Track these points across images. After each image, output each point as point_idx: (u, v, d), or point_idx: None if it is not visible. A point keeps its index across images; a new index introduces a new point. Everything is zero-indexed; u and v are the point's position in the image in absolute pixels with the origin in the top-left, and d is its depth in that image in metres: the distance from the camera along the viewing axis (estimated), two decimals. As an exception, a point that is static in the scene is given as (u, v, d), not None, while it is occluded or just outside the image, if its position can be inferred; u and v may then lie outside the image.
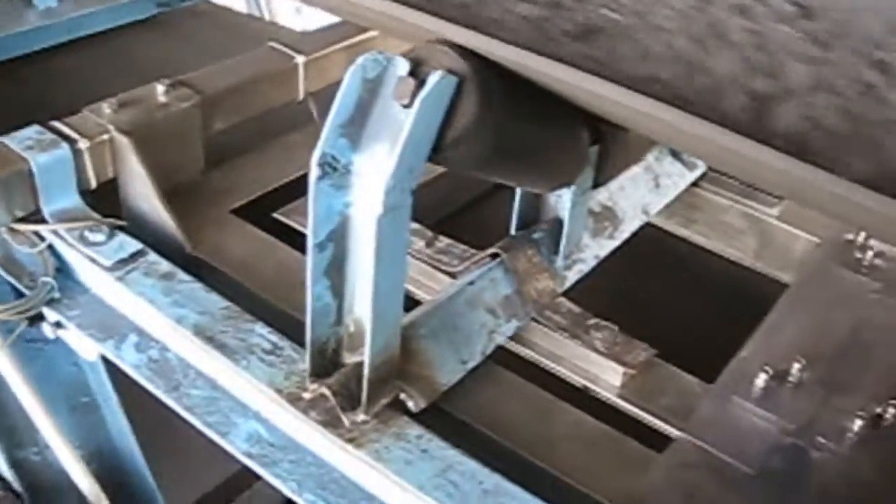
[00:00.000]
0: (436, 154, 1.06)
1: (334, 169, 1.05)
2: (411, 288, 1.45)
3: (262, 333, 1.29)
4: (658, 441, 1.29)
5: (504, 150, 1.16)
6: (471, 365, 1.30)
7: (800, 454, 1.28)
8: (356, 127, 1.04)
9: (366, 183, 1.05)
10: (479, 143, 1.09)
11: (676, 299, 1.79)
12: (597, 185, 1.45)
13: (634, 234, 1.67)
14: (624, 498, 1.18)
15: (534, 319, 1.40)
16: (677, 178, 1.76)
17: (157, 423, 1.52)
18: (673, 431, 1.29)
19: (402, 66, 1.03)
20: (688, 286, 1.82)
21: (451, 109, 1.04)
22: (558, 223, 1.44)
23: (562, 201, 1.42)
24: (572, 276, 1.48)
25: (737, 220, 1.82)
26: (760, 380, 1.34)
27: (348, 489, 1.17)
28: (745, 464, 1.24)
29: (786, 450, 1.28)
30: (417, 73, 1.02)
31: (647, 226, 1.78)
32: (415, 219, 1.16)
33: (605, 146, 1.40)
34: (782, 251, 1.78)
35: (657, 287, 1.78)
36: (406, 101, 1.01)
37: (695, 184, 1.83)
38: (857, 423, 1.29)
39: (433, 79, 0.99)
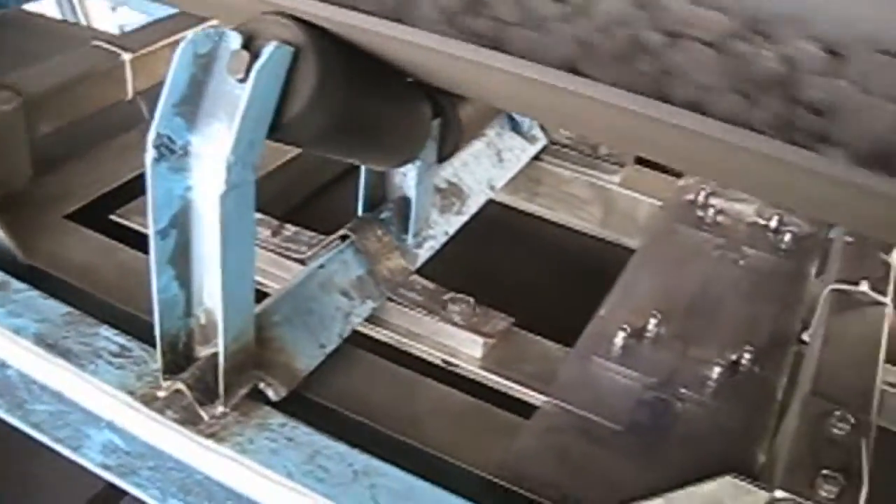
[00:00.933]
0: (277, 130, 1.03)
1: (171, 151, 1.01)
2: (261, 279, 1.41)
3: (109, 336, 1.23)
4: (525, 409, 1.29)
5: (347, 125, 1.14)
6: (329, 348, 1.27)
7: (664, 406, 1.30)
8: (191, 106, 1.00)
9: (205, 163, 1.01)
10: (320, 117, 1.06)
11: (528, 272, 1.80)
12: (441, 159, 1.44)
13: (482, 210, 1.66)
14: (495, 467, 1.17)
15: (389, 299, 1.38)
16: (519, 151, 1.76)
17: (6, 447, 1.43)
18: (539, 397, 1.28)
19: (235, 40, 0.99)
20: (538, 259, 1.83)
21: (289, 82, 1.00)
22: (405, 201, 1.42)
23: (407, 179, 1.40)
24: (424, 254, 1.46)
25: (580, 190, 1.84)
26: (619, 338, 1.35)
27: (214, 491, 1.13)
28: (613, 421, 1.25)
29: (651, 404, 1.30)
30: (251, 46, 0.99)
31: (495, 203, 1.79)
32: (260, 211, 1.12)
33: (447, 119, 1.39)
34: (627, 217, 1.81)
35: (509, 261, 1.79)
36: (241, 76, 0.97)
37: (537, 157, 1.84)
38: (716, 371, 1.32)
39: (267, 50, 0.96)
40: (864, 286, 1.39)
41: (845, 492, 1.04)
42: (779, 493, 1.03)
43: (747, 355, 1.34)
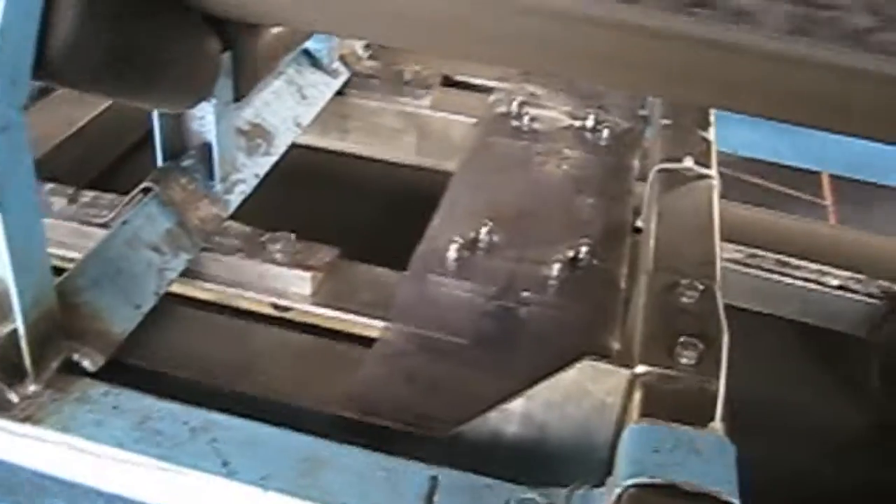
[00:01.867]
0: (42, 68, 0.92)
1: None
2: (62, 252, 1.28)
3: None
4: (366, 340, 1.22)
5: (120, 60, 1.04)
6: (146, 308, 1.17)
7: (509, 313, 1.25)
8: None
9: (-36, 107, 0.90)
10: (88, 51, 0.97)
11: (350, 209, 1.72)
12: (237, 97, 1.35)
13: (296, 155, 1.58)
14: (342, 401, 1.10)
15: (205, 249, 1.28)
16: (323, 87, 1.68)
17: None
18: (379, 324, 1.22)
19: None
20: (358, 195, 1.75)
21: (49, 13, 0.90)
22: (206, 146, 1.33)
23: (205, 123, 1.31)
24: (235, 199, 1.37)
25: (391, 119, 1.78)
26: (452, 252, 1.30)
27: (43, 485, 1.02)
28: (458, 336, 1.20)
29: (494, 313, 1.25)
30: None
31: (306, 147, 1.71)
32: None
33: (239, 53, 1.30)
34: (442, 140, 1.76)
35: (329, 202, 1.71)
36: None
37: (341, 92, 1.76)
38: (556, 269, 1.28)
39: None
40: (688, 162, 1.37)
41: (705, 356, 1.01)
42: (640, 368, 0.99)
43: (584, 249, 1.31)
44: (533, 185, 1.49)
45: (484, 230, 1.33)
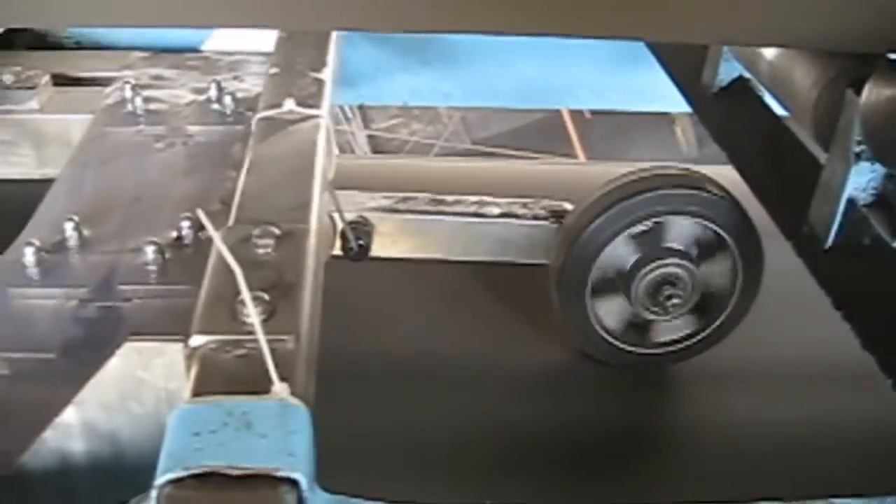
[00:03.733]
0: None
1: None
2: None
3: None
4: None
5: None
6: None
7: (105, 312, 1.09)
8: None
9: None
10: None
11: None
12: None
13: None
14: None
15: None
16: None
17: None
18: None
19: None
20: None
21: None
22: None
23: None
24: None
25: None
26: (31, 258, 1.12)
27: None
28: (45, 351, 1.03)
29: (90, 317, 1.08)
30: None
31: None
32: None
33: None
34: (63, 145, 1.57)
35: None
36: None
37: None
38: (152, 254, 1.12)
39: None
40: (289, 104, 1.24)
41: (278, 310, 0.88)
42: (195, 340, 0.85)
43: (186, 224, 1.16)
44: (140, 171, 1.33)
45: (70, 228, 1.15)
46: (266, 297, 0.88)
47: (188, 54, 1.71)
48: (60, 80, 1.66)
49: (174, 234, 1.17)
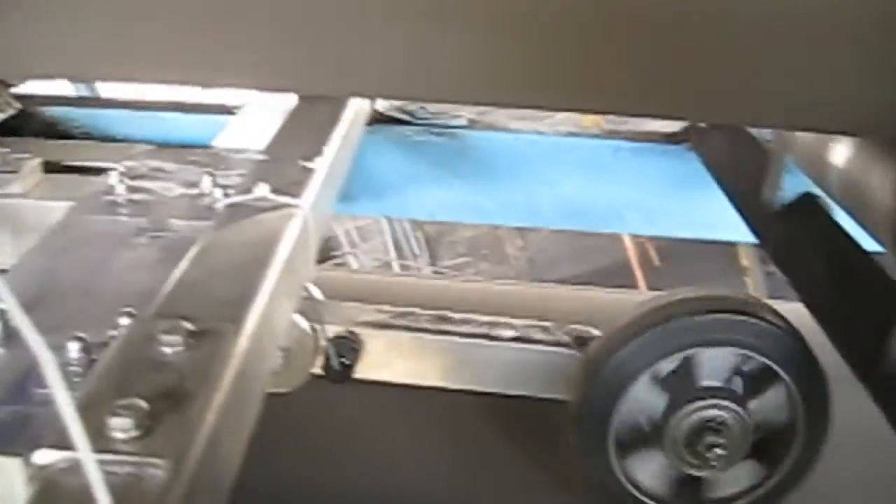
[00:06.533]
0: None
1: None
2: None
3: None
4: None
5: None
6: None
7: (18, 418, 0.91)
8: None
9: None
10: None
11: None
12: None
13: None
14: None
15: None
16: None
17: None
18: None
19: None
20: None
21: None
22: None
23: None
24: None
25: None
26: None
27: None
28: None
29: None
30: None
31: None
32: None
33: None
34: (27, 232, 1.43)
35: None
36: None
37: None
38: (74, 353, 0.95)
39: None
40: (261, 190, 1.08)
41: (164, 421, 0.69)
42: (39, 456, 0.67)
43: (125, 323, 0.99)
44: (102, 262, 1.18)
45: (-9, 326, 0.99)
46: (145, 405, 0.69)
47: (194, 149, 1.58)
48: (56, 168, 1.54)
49: (112, 332, 0.99)
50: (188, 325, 0.79)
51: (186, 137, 1.66)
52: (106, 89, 2.30)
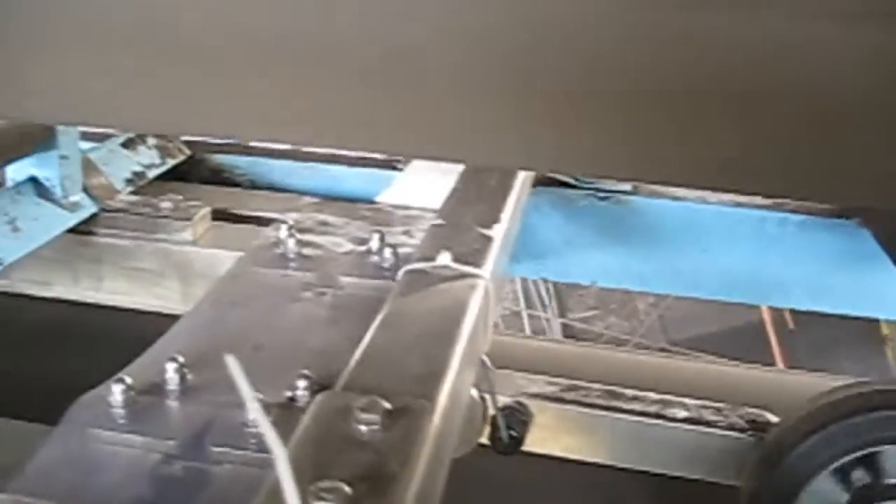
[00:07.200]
0: None
1: None
2: None
3: None
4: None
5: None
6: None
7: (191, 474, 0.91)
8: None
9: None
10: None
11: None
12: None
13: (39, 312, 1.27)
14: None
15: None
16: (48, 221, 1.38)
17: None
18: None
19: None
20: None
21: None
22: None
23: None
24: None
25: (149, 260, 1.46)
26: (118, 398, 0.96)
27: None
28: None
29: (170, 475, 0.90)
30: None
31: (54, 301, 1.40)
32: None
33: None
34: (209, 280, 1.44)
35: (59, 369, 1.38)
36: None
37: (88, 231, 1.46)
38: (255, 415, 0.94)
39: None
40: (444, 258, 1.06)
41: (363, 501, 0.67)
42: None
43: (303, 383, 0.98)
44: (273, 317, 1.17)
45: (171, 370, 0.99)
46: (348, 489, 0.67)
47: (360, 204, 1.58)
48: (223, 216, 1.56)
49: (287, 393, 0.98)
50: (385, 404, 0.77)
51: (350, 190, 1.67)
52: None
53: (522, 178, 1.46)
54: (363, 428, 0.76)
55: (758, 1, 0.60)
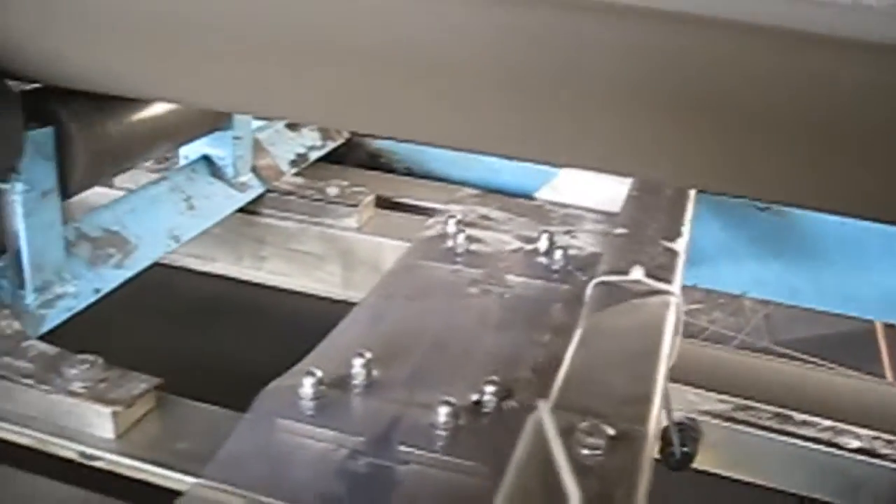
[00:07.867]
0: None
1: None
2: None
3: None
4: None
5: None
6: None
7: (376, 472, 0.91)
8: None
9: None
10: None
11: (258, 358, 1.40)
12: (67, 193, 1.07)
13: (200, 286, 1.30)
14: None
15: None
16: (220, 200, 1.40)
17: None
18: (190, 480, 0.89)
19: None
20: (271, 341, 1.43)
21: None
22: (17, 245, 1.04)
23: (13, 214, 1.03)
24: (56, 315, 1.07)
25: (313, 244, 1.48)
26: (308, 390, 0.96)
27: None
28: (296, 500, 0.86)
29: (355, 471, 0.91)
30: None
31: (214, 276, 1.43)
32: None
33: (66, 139, 1.03)
34: (372, 269, 1.45)
35: (231, 348, 1.40)
36: None
37: (255, 211, 1.48)
38: (442, 416, 0.94)
39: None
40: (636, 273, 1.04)
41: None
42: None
43: (490, 390, 0.97)
44: (446, 315, 1.17)
45: (358, 365, 0.99)
46: (585, 514, 0.66)
47: (520, 200, 1.58)
48: (384, 204, 1.56)
49: (474, 397, 0.98)
50: (608, 429, 0.76)
51: (506, 183, 1.66)
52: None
53: (692, 185, 1.43)
54: (585, 451, 0.75)
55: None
